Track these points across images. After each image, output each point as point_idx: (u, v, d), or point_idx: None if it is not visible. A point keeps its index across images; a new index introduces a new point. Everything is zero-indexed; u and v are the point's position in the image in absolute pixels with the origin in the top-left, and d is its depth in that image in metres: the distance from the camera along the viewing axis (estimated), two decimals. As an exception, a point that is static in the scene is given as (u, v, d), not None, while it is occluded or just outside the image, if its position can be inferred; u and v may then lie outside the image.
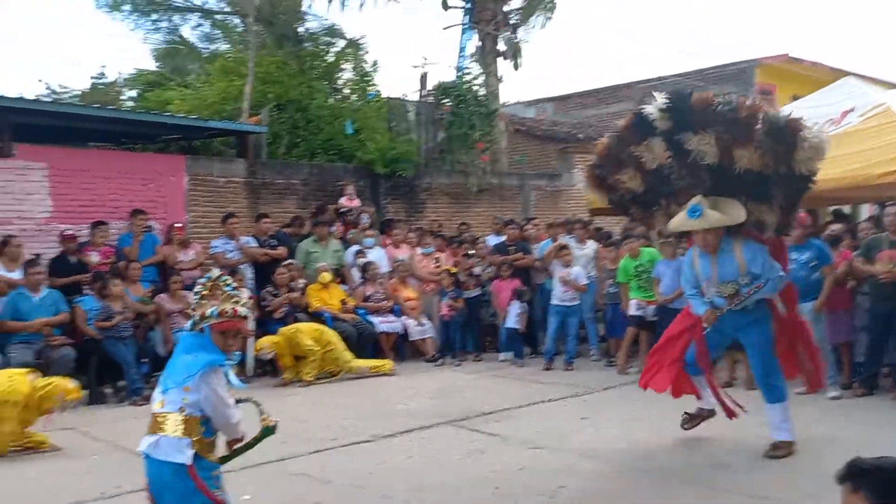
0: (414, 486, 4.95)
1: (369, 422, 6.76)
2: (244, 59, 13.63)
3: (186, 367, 3.34)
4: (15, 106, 8.85)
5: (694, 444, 5.80)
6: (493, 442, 6.03)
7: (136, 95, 17.29)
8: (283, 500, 4.70)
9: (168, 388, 3.36)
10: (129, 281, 8.49)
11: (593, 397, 7.74)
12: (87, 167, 9.52)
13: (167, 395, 3.35)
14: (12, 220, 8.87)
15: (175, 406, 3.31)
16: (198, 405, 3.32)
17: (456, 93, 13.55)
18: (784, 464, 5.24)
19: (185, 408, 3.30)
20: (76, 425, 6.85)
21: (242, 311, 3.49)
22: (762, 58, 20.39)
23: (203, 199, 10.53)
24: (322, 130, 13.01)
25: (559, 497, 4.68)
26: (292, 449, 5.88)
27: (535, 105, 23.43)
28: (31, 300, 7.69)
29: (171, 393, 3.34)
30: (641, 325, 8.93)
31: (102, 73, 19.90)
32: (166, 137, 11.90)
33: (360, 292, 10.11)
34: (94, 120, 10.10)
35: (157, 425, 3.33)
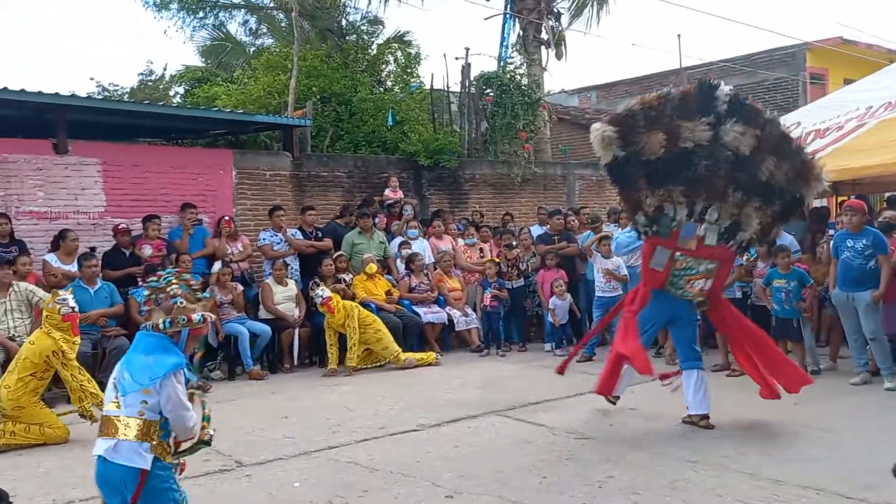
0: (462, 474, 4.97)
1: (416, 411, 6.81)
2: (288, 53, 13.79)
3: (148, 369, 3.30)
4: (69, 104, 9.08)
5: (744, 434, 5.71)
6: (541, 432, 6.02)
7: (184, 92, 17.61)
8: (332, 488, 4.77)
9: (127, 391, 3.29)
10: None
11: (640, 388, 7.64)
12: (138, 162, 9.74)
13: (126, 398, 3.29)
14: (68, 215, 9.12)
15: (134, 410, 3.27)
16: (157, 408, 3.28)
17: (498, 82, 13.50)
18: (839, 456, 5.13)
19: (144, 411, 3.27)
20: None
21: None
22: (814, 41, 19.83)
23: (250, 193, 10.69)
24: (365, 123, 13.10)
25: (607, 487, 4.66)
26: (341, 437, 5.97)
27: (578, 94, 23.22)
28: (87, 292, 7.91)
29: (130, 396, 3.28)
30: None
31: (150, 69, 20.34)
32: (214, 132, 12.11)
33: (405, 283, 10.16)
34: (145, 116, 10.32)
35: (113, 428, 3.27)
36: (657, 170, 5.77)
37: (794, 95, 19.98)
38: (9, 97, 8.56)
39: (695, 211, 5.92)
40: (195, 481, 4.99)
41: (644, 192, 5.93)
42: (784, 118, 11.56)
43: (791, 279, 7.85)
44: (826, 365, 8.23)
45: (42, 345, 6.05)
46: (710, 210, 5.89)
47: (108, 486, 3.29)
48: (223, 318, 8.77)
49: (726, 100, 5.55)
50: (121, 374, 3.35)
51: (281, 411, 6.98)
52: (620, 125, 5.68)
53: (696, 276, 5.93)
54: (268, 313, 9.15)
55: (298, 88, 12.72)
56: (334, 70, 13.73)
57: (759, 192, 5.82)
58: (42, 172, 8.99)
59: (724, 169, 5.72)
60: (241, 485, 4.92)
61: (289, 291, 9.30)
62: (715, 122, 5.57)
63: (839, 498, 4.37)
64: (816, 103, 11.94)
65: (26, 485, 4.97)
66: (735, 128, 5.53)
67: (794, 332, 7.86)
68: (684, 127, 5.59)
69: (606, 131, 5.64)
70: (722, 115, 5.56)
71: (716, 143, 5.62)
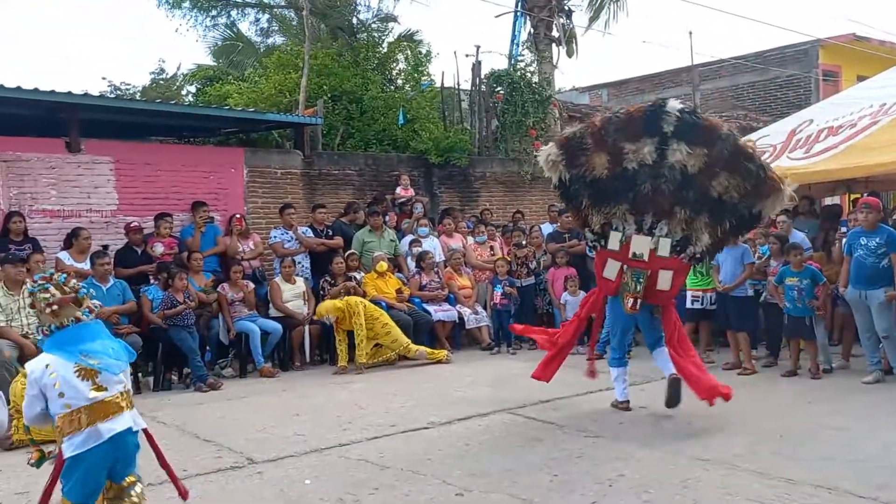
0: (472, 472, 4.98)
1: (427, 409, 6.82)
2: (300, 51, 13.81)
3: (126, 350, 3.70)
4: (82, 103, 9.13)
5: (756, 433, 5.68)
6: (551, 430, 6.02)
7: (196, 91, 17.67)
8: (343, 486, 4.78)
9: (123, 369, 3.61)
10: (192, 271, 8.72)
11: (651, 386, 7.64)
12: (150, 161, 9.79)
13: (123, 374, 3.60)
14: (81, 213, 9.19)
15: (127, 384, 3.62)
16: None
17: (509, 80, 13.48)
18: (851, 455, 5.11)
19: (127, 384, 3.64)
20: (144, 410, 7.07)
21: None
22: (826, 37, 19.68)
23: (262, 191, 10.73)
24: (376, 121, 13.12)
25: (618, 485, 4.65)
26: (352, 435, 5.98)
27: (589, 91, 23.15)
28: (100, 290, 7.96)
29: (124, 374, 3.61)
30: (698, 317, 8.79)
31: (162, 68, 20.41)
32: (226, 131, 12.16)
33: (416, 281, 10.18)
34: (157, 115, 10.37)
35: (121, 405, 3.54)
36: (602, 189, 6.11)
37: (806, 92, 19.85)
38: (22, 96, 8.62)
39: (644, 226, 6.17)
40: (207, 478, 5.03)
41: (590, 211, 6.29)
42: (797, 115, 11.55)
43: (803, 277, 7.81)
44: (839, 363, 8.19)
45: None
46: (659, 224, 6.14)
47: (130, 454, 3.61)
48: (234, 315, 8.82)
49: (674, 120, 5.66)
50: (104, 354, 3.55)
51: (292, 409, 7.00)
52: (565, 147, 6.02)
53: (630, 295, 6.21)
54: (278, 311, 9.19)
55: (309, 87, 12.75)
56: (345, 68, 13.75)
57: (710, 208, 5.96)
58: (55, 171, 9.05)
59: (669, 188, 5.91)
60: (253, 482, 4.94)
61: (297, 289, 9.33)
62: (660, 142, 5.75)
63: (852, 497, 4.35)
64: (829, 100, 11.85)
65: (41, 480, 5.00)
66: (681, 148, 5.69)
67: (807, 330, 7.82)
68: (628, 148, 5.84)
69: (552, 154, 6.02)
70: (668, 136, 5.71)
71: (662, 163, 5.81)
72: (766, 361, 8.45)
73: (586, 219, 6.42)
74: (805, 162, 9.75)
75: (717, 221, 6.02)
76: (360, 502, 4.48)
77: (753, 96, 20.99)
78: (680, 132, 5.68)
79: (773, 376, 7.91)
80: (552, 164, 6.09)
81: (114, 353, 3.59)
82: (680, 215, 6.03)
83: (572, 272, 10.14)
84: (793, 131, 10.57)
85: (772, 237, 8.48)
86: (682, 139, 5.69)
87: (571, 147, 6.00)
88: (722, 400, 6.09)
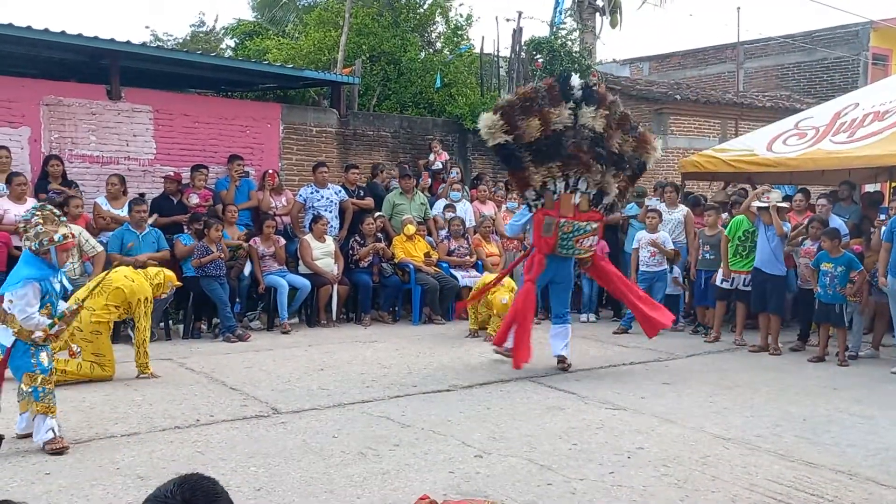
0: (492, 435, 5.03)
1: (449, 372, 6.89)
2: (340, 9, 13.73)
3: (9, 283, 4.57)
4: (125, 50, 9.19)
5: (779, 415, 5.66)
6: (572, 400, 6.05)
7: (235, 45, 17.69)
8: (364, 440, 4.86)
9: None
10: (226, 223, 8.83)
11: (676, 363, 7.64)
12: (188, 112, 9.86)
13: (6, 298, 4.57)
14: (119, 160, 9.31)
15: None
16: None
17: (549, 48, 13.30)
18: (875, 443, 5.07)
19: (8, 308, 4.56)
20: (174, 357, 7.25)
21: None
22: (879, 20, 19.10)
23: (296, 148, 10.77)
24: (413, 84, 13.04)
25: (636, 458, 4.67)
26: (374, 392, 6.07)
27: (630, 64, 22.78)
28: (135, 236, 8.10)
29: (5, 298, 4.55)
30: (728, 296, 8.71)
31: (202, 20, 20.46)
32: (263, 86, 12.18)
33: (444, 246, 10.20)
34: (196, 66, 10.41)
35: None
36: (538, 150, 6.81)
37: (854, 76, 19.34)
38: (66, 41, 8.70)
39: (569, 183, 6.94)
40: (232, 425, 5.14)
41: (530, 171, 6.87)
42: (842, 98, 11.28)
43: (839, 263, 7.69)
44: (867, 352, 8.10)
45: (141, 287, 6.36)
46: (580, 181, 6.95)
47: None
48: (264, 269, 8.92)
49: (579, 88, 6.79)
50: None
51: (317, 364, 7.11)
52: (504, 113, 6.68)
53: (586, 235, 6.97)
54: (307, 268, 9.28)
55: (348, 46, 12.69)
56: (385, 28, 13.64)
57: (614, 162, 7.04)
58: (95, 117, 9.16)
59: (586, 145, 6.87)
60: (277, 431, 5.04)
61: (327, 248, 9.40)
62: (575, 106, 6.78)
63: (872, 484, 4.33)
64: (877, 84, 11.55)
65: (72, 417, 5.16)
66: (588, 110, 6.77)
67: (836, 317, 7.73)
68: (553, 112, 6.72)
69: (492, 119, 6.68)
70: (579, 101, 6.79)
71: (578, 124, 6.82)
72: (793, 345, 8.38)
73: (525, 179, 6.94)
74: (848, 146, 9.55)
75: (620, 172, 7.11)
76: (381, 457, 4.56)
77: (799, 77, 20.50)
78: (586, 98, 6.81)
79: (800, 361, 7.85)
80: (493, 130, 6.68)
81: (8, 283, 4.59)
82: (595, 168, 6.94)
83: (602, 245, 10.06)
84: (837, 114, 10.34)
85: (814, 220, 8.35)
86: (587, 103, 6.80)
87: (509, 114, 6.67)
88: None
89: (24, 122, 8.72)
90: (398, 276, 9.73)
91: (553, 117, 6.72)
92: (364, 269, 9.55)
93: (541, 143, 6.77)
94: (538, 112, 6.71)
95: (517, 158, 6.83)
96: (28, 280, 4.51)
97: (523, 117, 6.67)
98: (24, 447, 4.58)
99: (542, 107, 6.72)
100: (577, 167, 6.89)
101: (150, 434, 4.91)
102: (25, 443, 4.63)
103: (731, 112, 16.29)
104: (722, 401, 6.10)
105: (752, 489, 4.18)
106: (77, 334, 6.04)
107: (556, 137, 6.79)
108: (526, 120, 6.67)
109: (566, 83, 6.82)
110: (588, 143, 6.87)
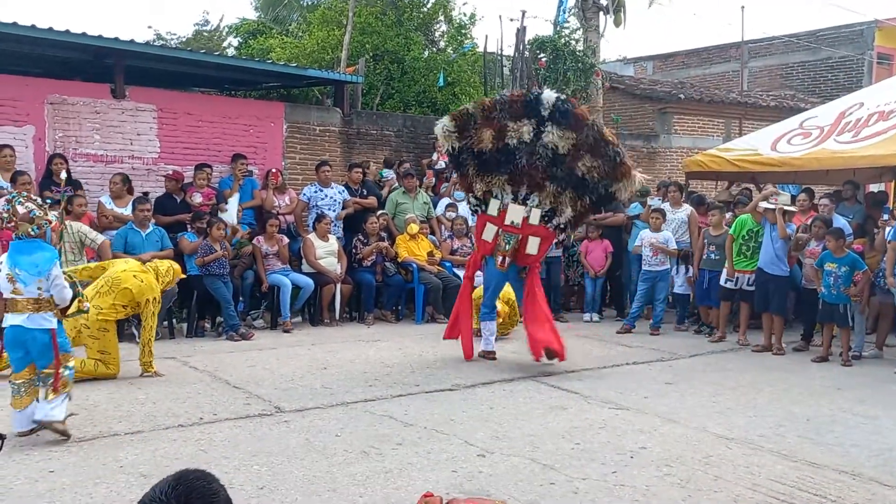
0: (495, 435, 5.03)
1: (452, 371, 6.89)
2: (344, 8, 13.75)
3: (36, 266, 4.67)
4: (129, 49, 9.21)
5: (783, 415, 5.65)
6: (575, 399, 6.05)
7: (239, 44, 17.72)
8: (367, 439, 4.87)
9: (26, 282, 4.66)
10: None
11: (679, 363, 7.64)
12: (192, 111, 9.88)
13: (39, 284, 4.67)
14: (123, 159, 9.33)
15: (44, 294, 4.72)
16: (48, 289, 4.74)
17: (553, 46, 13.29)
18: (878, 443, 5.06)
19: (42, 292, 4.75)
20: (178, 355, 7.27)
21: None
22: (885, 19, 19.04)
23: (300, 147, 10.78)
24: (416, 83, 13.06)
25: (639, 457, 4.67)
26: (377, 391, 6.07)
27: (634, 63, 22.75)
28: (139, 235, 8.12)
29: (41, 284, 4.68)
30: (731, 297, 8.69)
31: (206, 19, 20.50)
32: (267, 85, 12.19)
33: (447, 245, 10.20)
34: (200, 65, 10.43)
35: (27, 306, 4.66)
36: (486, 161, 6.94)
37: (858, 75, 19.28)
38: (70, 39, 8.72)
39: (519, 196, 7.05)
40: (235, 423, 5.15)
41: (472, 179, 7.06)
42: (847, 97, 11.25)
43: (843, 264, 7.68)
44: (871, 352, 8.09)
45: (149, 286, 6.37)
46: (532, 196, 7.03)
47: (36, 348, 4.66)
48: (268, 268, 8.93)
49: (549, 107, 6.72)
50: (13, 272, 4.61)
51: (320, 363, 7.12)
52: (458, 121, 6.88)
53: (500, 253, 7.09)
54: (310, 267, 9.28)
55: (352, 45, 12.71)
56: (388, 27, 13.67)
57: (574, 185, 6.90)
58: (100, 116, 9.18)
59: (542, 164, 6.86)
60: (280, 429, 5.05)
61: (330, 247, 9.40)
62: (538, 124, 6.76)
63: (875, 484, 4.32)
64: (882, 84, 11.52)
65: (76, 415, 5.17)
66: (553, 131, 6.72)
67: (840, 317, 7.72)
68: (511, 126, 6.77)
69: (446, 125, 6.89)
70: (544, 119, 6.74)
71: (537, 142, 6.79)
72: (797, 345, 8.37)
73: (471, 185, 7.16)
74: (853, 146, 9.53)
75: (580, 197, 6.98)
76: (384, 456, 4.56)
77: (803, 76, 20.45)
78: (554, 117, 6.73)
79: (803, 361, 7.83)
80: (446, 135, 6.90)
81: (33, 270, 4.63)
82: (549, 189, 6.95)
83: (606, 245, 10.11)
84: (842, 114, 10.32)
85: (817, 220, 8.33)
86: (555, 123, 6.73)
87: (464, 121, 6.87)
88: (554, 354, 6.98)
89: (29, 120, 8.74)
90: (401, 276, 9.74)
91: (509, 131, 6.80)
92: (367, 268, 9.56)
93: (490, 154, 6.89)
94: (495, 124, 6.80)
95: (462, 165, 7.07)
96: (54, 259, 4.76)
97: (478, 127, 6.84)
98: (28, 445, 4.59)
99: (500, 119, 6.81)
100: (528, 184, 6.97)
101: (154, 432, 4.92)
102: (29, 441, 4.65)
103: (735, 111, 16.27)
104: (725, 401, 6.10)
105: (754, 489, 4.18)
106: (84, 332, 6.06)
107: (509, 152, 6.87)
108: (480, 129, 6.82)
109: (537, 100, 6.79)
110: (545, 163, 6.86)
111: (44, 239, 4.80)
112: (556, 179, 6.90)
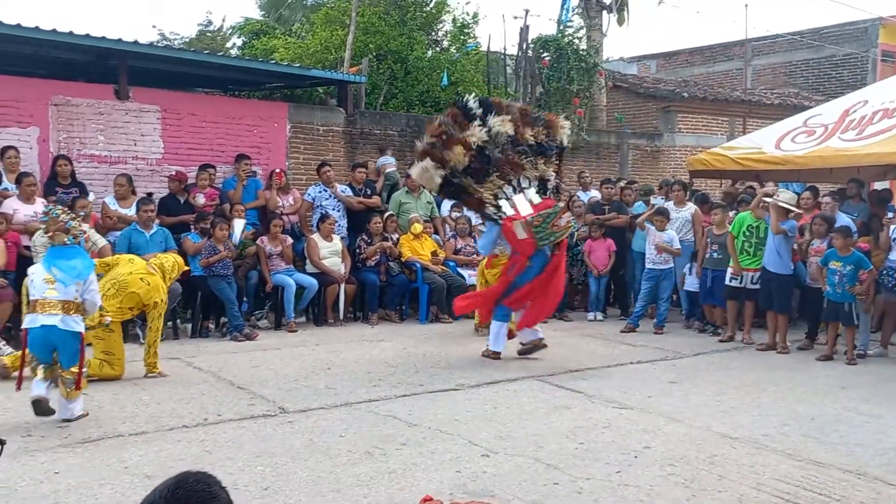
0: (499, 435, 5.03)
1: (456, 371, 6.89)
2: (347, 8, 13.75)
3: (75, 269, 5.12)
4: (132, 50, 9.22)
5: (787, 414, 5.64)
6: (579, 399, 6.04)
7: (242, 44, 17.74)
8: (371, 439, 4.87)
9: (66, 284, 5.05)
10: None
11: (683, 362, 7.63)
12: (196, 111, 9.88)
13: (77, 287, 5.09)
14: (127, 160, 9.35)
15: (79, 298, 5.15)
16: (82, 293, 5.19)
17: (556, 45, 13.28)
18: (883, 442, 5.05)
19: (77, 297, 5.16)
20: (182, 356, 7.28)
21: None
22: (888, 16, 18.98)
23: (303, 147, 10.79)
24: (420, 82, 13.06)
25: (643, 457, 4.67)
26: (381, 392, 6.08)
27: (638, 61, 22.72)
28: (143, 235, 8.13)
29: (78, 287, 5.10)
30: (736, 295, 8.67)
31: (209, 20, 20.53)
32: (270, 85, 12.20)
33: (451, 245, 10.20)
34: (203, 66, 10.45)
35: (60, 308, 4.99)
36: (474, 171, 7.24)
37: (862, 73, 19.23)
38: (74, 41, 8.74)
39: (515, 187, 7.38)
40: (239, 424, 5.16)
41: (478, 192, 7.30)
42: (851, 95, 11.22)
43: (848, 262, 7.66)
44: (876, 351, 8.06)
45: (156, 289, 6.39)
46: (520, 181, 7.42)
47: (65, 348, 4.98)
48: (272, 269, 8.95)
49: (478, 106, 7.24)
50: (52, 273, 4.98)
51: (324, 363, 7.13)
52: (429, 154, 7.14)
53: (557, 217, 7.33)
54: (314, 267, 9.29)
55: (355, 45, 12.72)
56: (391, 27, 13.67)
57: (539, 152, 7.49)
58: (103, 117, 9.19)
59: (510, 149, 7.32)
60: (284, 430, 5.06)
61: (334, 247, 9.40)
62: (481, 122, 7.19)
63: (880, 483, 4.31)
64: (886, 81, 11.49)
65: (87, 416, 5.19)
66: (495, 120, 7.21)
67: (845, 316, 7.70)
68: (467, 135, 7.14)
69: (424, 164, 7.16)
70: (482, 116, 7.21)
71: (493, 135, 7.21)
72: (801, 344, 8.36)
73: (479, 201, 7.39)
74: (857, 144, 9.50)
75: (548, 159, 7.57)
76: (387, 456, 4.57)
77: (807, 74, 20.40)
78: (486, 111, 7.24)
79: (808, 359, 7.82)
80: (429, 173, 7.14)
81: (73, 272, 5.01)
82: (527, 166, 7.40)
83: (610, 244, 10.10)
84: (846, 111, 10.29)
85: (818, 217, 8.31)
86: (489, 114, 7.23)
87: (433, 152, 7.14)
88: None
89: (33, 122, 8.76)
90: (405, 275, 9.74)
91: (470, 138, 7.16)
92: (371, 267, 9.56)
93: (473, 163, 7.22)
94: (456, 140, 7.15)
95: (462, 187, 7.32)
96: (92, 266, 5.28)
97: (446, 149, 7.16)
98: (32, 447, 4.61)
99: (455, 135, 7.17)
100: (512, 170, 7.37)
101: (158, 433, 4.93)
102: (34, 442, 4.67)
103: (739, 109, 16.24)
104: (729, 400, 6.09)
105: (759, 488, 4.17)
106: (89, 332, 6.08)
107: (483, 153, 7.23)
108: (449, 150, 7.15)
109: (466, 107, 7.26)
110: (510, 146, 7.33)
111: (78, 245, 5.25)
112: (525, 155, 7.42)
